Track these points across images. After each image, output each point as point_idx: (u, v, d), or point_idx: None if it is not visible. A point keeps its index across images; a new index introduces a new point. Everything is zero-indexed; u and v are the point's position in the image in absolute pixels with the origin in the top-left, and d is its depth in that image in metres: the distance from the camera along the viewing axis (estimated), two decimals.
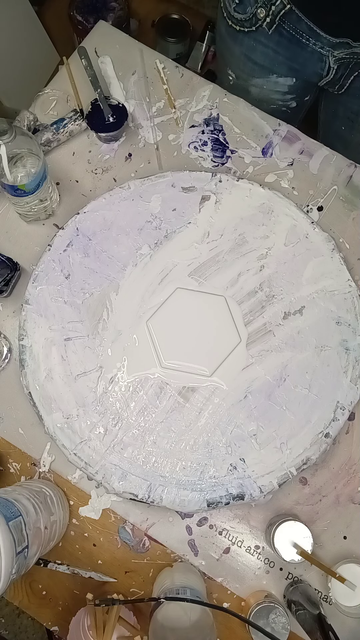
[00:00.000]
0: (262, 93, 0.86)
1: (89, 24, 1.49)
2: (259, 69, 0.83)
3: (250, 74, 0.85)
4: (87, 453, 0.66)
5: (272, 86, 0.85)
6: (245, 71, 0.85)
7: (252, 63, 0.83)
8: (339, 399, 0.68)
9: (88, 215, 0.74)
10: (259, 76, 0.84)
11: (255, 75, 0.85)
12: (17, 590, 0.68)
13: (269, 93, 0.86)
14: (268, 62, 0.81)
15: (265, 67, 0.82)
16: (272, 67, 0.81)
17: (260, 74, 0.84)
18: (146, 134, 0.80)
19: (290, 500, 0.69)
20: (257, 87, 0.86)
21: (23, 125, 0.75)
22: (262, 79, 0.84)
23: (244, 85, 0.86)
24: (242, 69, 0.85)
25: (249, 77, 0.86)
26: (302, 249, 0.73)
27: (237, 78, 0.88)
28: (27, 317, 0.70)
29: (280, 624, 0.61)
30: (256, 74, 0.84)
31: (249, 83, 0.86)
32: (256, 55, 0.81)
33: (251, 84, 0.86)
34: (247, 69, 0.84)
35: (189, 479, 0.65)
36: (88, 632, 0.59)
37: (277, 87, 0.85)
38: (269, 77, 0.83)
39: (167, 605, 0.57)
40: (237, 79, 0.88)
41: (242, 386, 0.68)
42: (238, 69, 0.86)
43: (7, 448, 0.70)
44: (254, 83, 0.86)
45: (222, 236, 0.74)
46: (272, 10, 0.71)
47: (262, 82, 0.85)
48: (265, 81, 0.84)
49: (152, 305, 0.71)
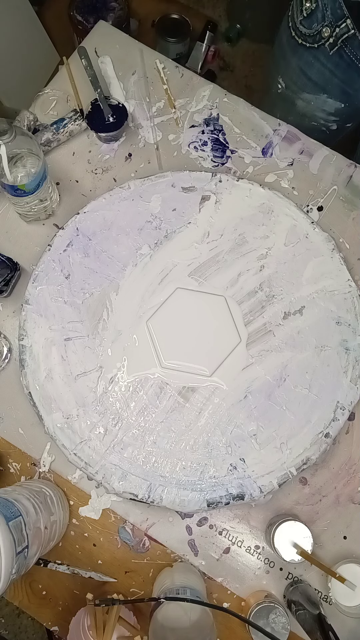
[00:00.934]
0: (308, 108, 0.85)
1: (89, 24, 1.49)
2: (312, 85, 0.82)
3: (302, 87, 0.84)
4: (87, 453, 0.66)
5: (320, 104, 0.84)
6: (297, 84, 0.84)
7: (306, 78, 0.82)
8: (339, 399, 0.68)
9: (88, 215, 0.74)
10: (310, 92, 0.83)
11: (306, 91, 0.84)
12: (17, 590, 0.68)
13: (314, 110, 0.85)
14: (322, 81, 0.80)
15: (319, 85, 0.81)
16: (325, 86, 0.81)
17: (311, 90, 0.83)
18: (146, 134, 0.80)
19: (290, 500, 0.69)
20: (305, 102, 0.85)
21: (23, 125, 0.75)
22: (313, 95, 0.83)
23: (291, 97, 0.85)
24: (294, 80, 0.84)
25: (299, 90, 0.85)
26: (302, 249, 0.73)
27: (286, 88, 0.87)
28: (27, 317, 0.70)
29: (280, 624, 0.61)
30: (308, 89, 0.83)
31: (298, 96, 0.85)
32: (312, 71, 0.80)
33: (300, 97, 0.85)
34: (300, 82, 0.84)
35: (189, 479, 0.65)
36: (88, 632, 0.59)
37: (325, 107, 0.84)
38: (320, 95, 0.83)
39: (167, 605, 0.57)
40: (286, 88, 0.87)
41: (242, 386, 0.68)
42: (290, 80, 0.85)
43: (7, 448, 0.70)
44: (303, 97, 0.85)
45: (222, 236, 0.74)
46: (336, 31, 0.71)
47: (311, 98, 0.84)
48: (314, 97, 0.84)
49: (152, 305, 0.71)
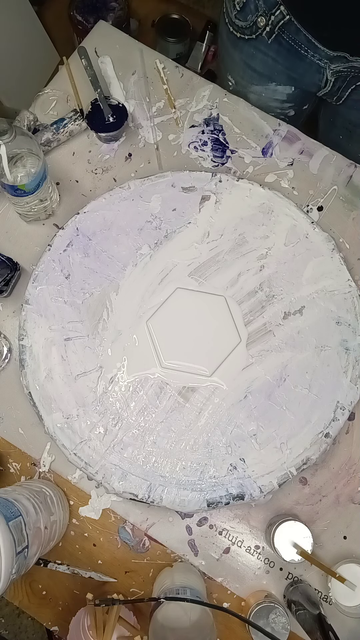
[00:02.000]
0: (261, 100, 0.86)
1: (89, 24, 1.49)
2: (258, 76, 0.83)
3: (250, 80, 0.85)
4: (87, 453, 0.66)
5: (270, 94, 0.85)
6: (245, 78, 0.85)
7: (251, 70, 0.83)
8: (339, 399, 0.68)
9: (88, 215, 0.74)
10: (258, 83, 0.84)
11: (254, 83, 0.84)
12: (17, 590, 0.68)
13: (267, 100, 0.86)
14: (267, 70, 0.81)
15: (265, 75, 0.82)
16: (271, 75, 0.81)
17: (259, 81, 0.84)
18: (146, 134, 0.80)
19: (290, 500, 0.69)
20: (256, 94, 0.86)
21: (23, 125, 0.75)
22: (261, 86, 0.84)
23: (243, 92, 0.86)
24: (241, 75, 0.85)
25: (248, 84, 0.86)
26: (302, 249, 0.73)
27: (236, 84, 0.88)
28: (27, 317, 0.70)
29: (280, 624, 0.61)
30: (255, 81, 0.84)
31: (248, 90, 0.86)
32: (256, 62, 0.81)
33: (250, 91, 0.86)
34: (247, 76, 0.84)
35: (189, 479, 0.65)
36: (88, 632, 0.59)
37: (276, 95, 0.85)
38: (268, 85, 0.83)
39: (167, 605, 0.57)
40: (236, 84, 0.88)
41: (242, 386, 0.68)
42: (238, 75, 0.86)
43: (7, 448, 0.70)
44: (252, 90, 0.86)
45: (222, 236, 0.74)
46: (271, 19, 0.71)
47: (260, 90, 0.85)
48: (264, 89, 0.84)
49: (152, 305, 0.71)
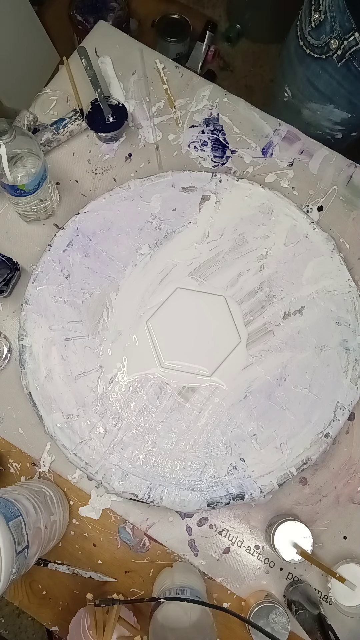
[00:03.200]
0: (314, 118, 0.85)
1: (89, 24, 1.49)
2: (319, 95, 0.82)
3: (309, 97, 0.84)
4: (87, 453, 0.66)
5: (326, 114, 0.84)
6: (304, 93, 0.84)
7: (313, 88, 0.82)
8: (339, 399, 0.68)
9: (88, 215, 0.74)
10: (317, 102, 0.83)
11: (313, 100, 0.84)
12: (17, 590, 0.68)
13: (320, 119, 0.85)
14: (329, 92, 0.80)
15: (326, 95, 0.81)
16: (332, 97, 0.81)
17: (318, 100, 0.83)
18: (146, 134, 0.80)
19: (290, 500, 0.69)
20: (311, 111, 0.85)
21: (23, 125, 0.75)
22: (319, 105, 0.84)
23: (298, 106, 0.85)
24: (301, 90, 0.85)
25: (306, 100, 0.85)
26: (302, 249, 0.73)
27: (292, 97, 0.87)
28: (27, 317, 0.70)
29: (280, 624, 0.61)
30: (314, 99, 0.83)
31: (304, 105, 0.85)
32: (319, 82, 0.80)
33: (306, 107, 0.85)
34: (307, 92, 0.84)
35: (189, 479, 0.65)
36: (88, 632, 0.59)
37: (331, 117, 0.84)
38: (326, 106, 0.83)
39: (167, 605, 0.57)
40: (292, 97, 0.87)
41: (242, 386, 0.68)
42: (297, 89, 0.85)
43: (7, 448, 0.70)
44: (309, 106, 0.85)
45: (222, 236, 0.74)
46: (344, 44, 0.71)
47: (317, 108, 0.84)
48: (321, 107, 0.84)
49: (152, 305, 0.71)
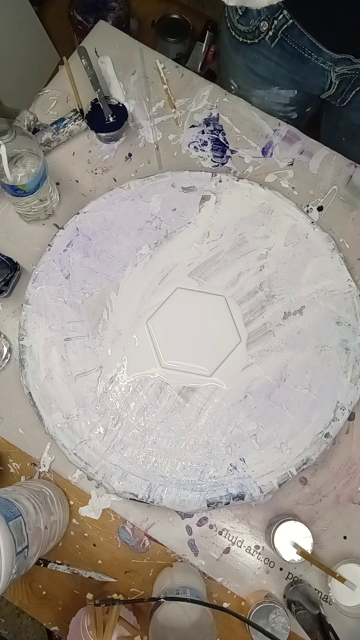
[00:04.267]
0: (264, 104, 0.85)
1: (89, 24, 1.49)
2: (261, 80, 0.83)
3: (252, 84, 0.85)
4: (87, 453, 0.66)
5: (273, 97, 0.85)
6: (247, 82, 0.85)
7: (254, 74, 0.82)
8: (339, 399, 0.68)
9: (88, 215, 0.74)
10: (261, 87, 0.84)
11: (257, 87, 0.84)
12: (17, 590, 0.68)
13: (270, 104, 0.86)
14: (270, 74, 0.81)
15: (267, 78, 0.82)
16: (274, 79, 0.81)
17: (262, 85, 0.83)
18: (146, 134, 0.80)
19: (290, 500, 0.69)
20: (259, 98, 0.85)
21: (23, 125, 0.75)
22: (264, 90, 0.84)
23: (245, 95, 0.86)
24: (244, 79, 0.85)
25: (250, 88, 0.85)
26: (302, 249, 0.73)
27: (239, 88, 0.87)
28: (27, 317, 0.70)
29: (280, 624, 0.61)
30: (258, 85, 0.84)
31: (251, 93, 0.86)
32: (258, 67, 0.81)
33: (253, 95, 0.86)
34: (249, 80, 0.84)
35: (189, 479, 0.65)
36: (88, 632, 0.59)
37: (279, 99, 0.85)
38: (271, 89, 0.83)
39: (167, 605, 0.57)
40: (239, 88, 0.87)
41: (242, 386, 0.68)
42: (240, 79, 0.86)
43: (7, 448, 0.70)
44: (255, 94, 0.85)
45: (222, 236, 0.74)
46: (274, 24, 0.71)
47: (263, 94, 0.85)
48: (266, 92, 0.84)
49: (152, 305, 0.71)
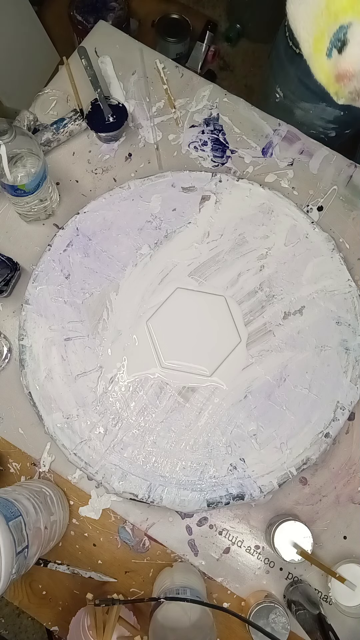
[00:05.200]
0: (307, 117, 0.85)
1: (89, 24, 1.49)
2: (311, 94, 0.81)
3: (301, 97, 0.83)
4: (87, 453, 0.66)
5: (319, 113, 0.84)
6: (296, 93, 0.84)
7: (304, 87, 0.81)
8: (339, 399, 0.68)
9: (88, 215, 0.74)
10: (309, 101, 0.83)
11: (305, 100, 0.83)
12: (17, 590, 0.68)
13: (313, 118, 0.85)
14: (321, 90, 0.78)
15: (317, 94, 0.80)
16: (324, 95, 0.79)
17: (310, 99, 0.82)
18: (146, 134, 0.80)
19: (290, 500, 0.69)
20: (304, 111, 0.85)
21: (23, 125, 0.75)
22: (311, 104, 0.83)
23: (290, 106, 0.85)
24: (292, 90, 0.84)
25: (297, 100, 0.84)
26: (302, 249, 0.73)
27: (284, 97, 0.86)
28: (27, 317, 0.70)
29: (280, 624, 0.61)
30: (306, 99, 0.83)
31: (296, 105, 0.85)
32: (311, 81, 0.78)
33: (298, 106, 0.85)
34: (298, 92, 0.83)
35: (189, 479, 0.65)
36: (88, 632, 0.59)
37: (324, 115, 0.84)
38: (318, 104, 0.82)
39: (167, 605, 0.57)
40: (284, 98, 0.86)
41: (242, 386, 0.68)
42: (288, 90, 0.85)
43: (7, 448, 0.70)
44: (301, 106, 0.84)
45: (222, 236, 0.74)
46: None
47: (309, 107, 0.84)
48: (313, 106, 0.83)
49: (152, 305, 0.71)
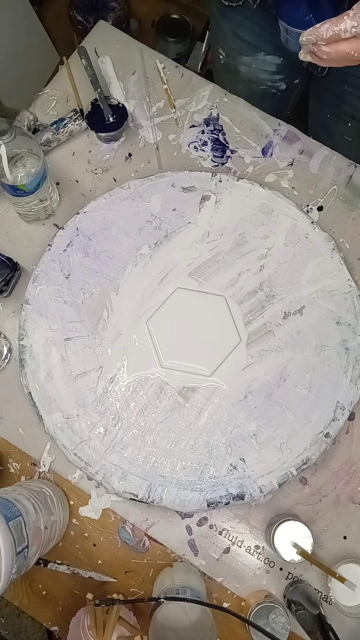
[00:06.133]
0: (251, 72, 0.86)
1: (89, 24, 1.49)
2: (247, 46, 0.83)
3: (239, 51, 0.85)
4: (87, 453, 0.66)
5: (260, 65, 0.86)
6: (234, 49, 0.86)
7: (240, 40, 0.83)
8: (339, 399, 0.68)
9: (88, 215, 0.74)
10: (247, 54, 0.85)
11: (243, 53, 0.85)
12: (17, 590, 0.68)
13: (257, 72, 0.87)
14: (255, 39, 0.82)
15: (253, 44, 0.83)
16: (258, 44, 0.82)
17: (248, 51, 0.84)
18: (146, 134, 0.80)
19: (290, 500, 0.69)
20: (246, 66, 0.86)
21: (23, 125, 0.75)
22: (250, 56, 0.85)
23: (233, 64, 0.87)
24: (231, 46, 0.86)
25: (237, 55, 0.86)
26: (302, 249, 0.73)
27: (226, 56, 0.88)
28: (27, 317, 0.70)
29: (280, 624, 0.61)
30: (244, 52, 0.85)
31: (238, 61, 0.87)
32: (243, 31, 0.81)
33: (240, 62, 0.87)
34: (236, 47, 0.85)
35: (189, 479, 0.65)
36: (88, 632, 0.59)
37: (265, 67, 0.86)
38: (257, 55, 0.84)
39: (167, 605, 0.57)
40: (226, 57, 0.88)
41: (242, 386, 0.68)
42: (227, 47, 0.87)
43: (7, 448, 0.70)
44: (242, 61, 0.86)
45: (222, 236, 0.74)
46: None
47: (250, 60, 0.86)
48: (253, 59, 0.85)
49: (152, 305, 0.71)
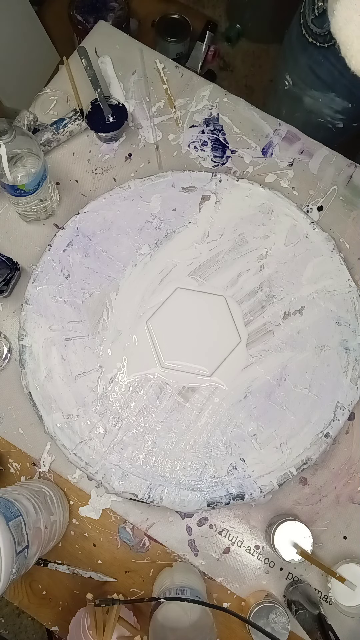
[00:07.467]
0: (316, 105, 0.85)
1: (89, 24, 1.49)
2: (321, 83, 0.82)
3: (310, 85, 0.84)
4: (87, 453, 0.66)
5: (327, 102, 0.84)
6: (306, 81, 0.84)
7: (314, 76, 0.82)
8: (339, 399, 0.68)
9: (88, 215, 0.74)
10: (318, 90, 0.83)
11: (314, 88, 0.84)
12: (17, 590, 0.68)
13: (321, 107, 0.85)
14: (331, 80, 0.80)
15: (327, 84, 0.81)
16: (333, 85, 0.81)
17: (320, 88, 0.83)
18: (146, 134, 0.80)
19: (290, 500, 0.69)
20: (313, 99, 0.85)
21: (23, 125, 0.75)
22: (321, 93, 0.84)
23: (299, 94, 0.85)
24: (302, 78, 0.85)
25: (307, 88, 0.85)
26: (302, 249, 0.73)
27: (293, 85, 0.87)
28: (27, 317, 0.70)
29: (280, 624, 0.61)
30: (316, 87, 0.83)
31: (306, 93, 0.85)
32: (321, 70, 0.80)
33: (307, 94, 0.85)
34: (308, 80, 0.84)
35: (189, 479, 0.65)
36: (88, 632, 0.59)
37: (332, 104, 0.84)
38: (328, 94, 0.83)
39: (167, 605, 0.57)
40: (293, 85, 0.87)
41: (242, 386, 0.68)
42: (298, 77, 0.85)
43: (7, 448, 0.70)
44: (310, 94, 0.85)
45: (222, 236, 0.74)
46: None
47: (319, 95, 0.84)
48: (322, 95, 0.84)
49: (152, 305, 0.71)
